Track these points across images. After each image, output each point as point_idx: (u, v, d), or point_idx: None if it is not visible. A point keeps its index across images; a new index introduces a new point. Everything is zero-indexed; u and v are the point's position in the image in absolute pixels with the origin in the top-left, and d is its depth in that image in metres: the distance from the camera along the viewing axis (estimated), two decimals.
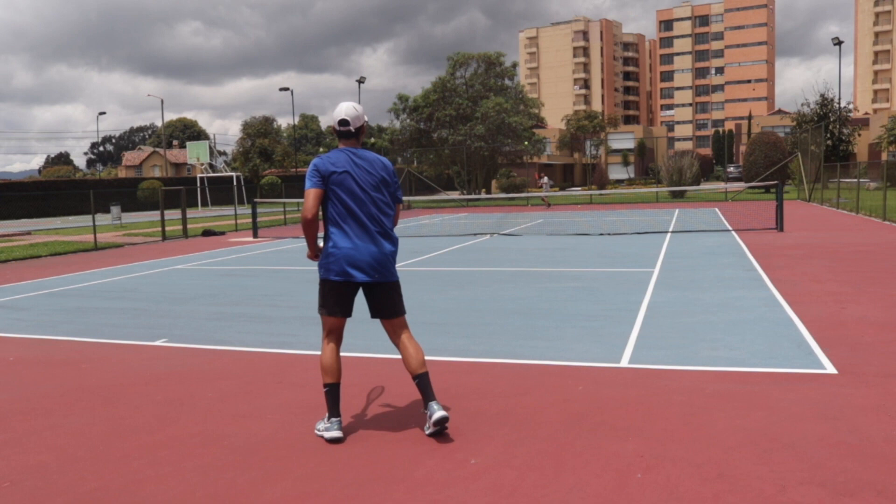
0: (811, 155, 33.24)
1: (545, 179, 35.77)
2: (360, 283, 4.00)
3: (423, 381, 3.96)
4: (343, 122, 4.02)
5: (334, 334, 4.08)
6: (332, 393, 4.01)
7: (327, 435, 3.95)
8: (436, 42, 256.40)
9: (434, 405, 3.90)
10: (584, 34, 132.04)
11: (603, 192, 38.91)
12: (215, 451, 3.87)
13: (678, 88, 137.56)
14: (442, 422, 3.87)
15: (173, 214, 22.97)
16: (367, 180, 3.99)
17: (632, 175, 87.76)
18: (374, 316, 4.11)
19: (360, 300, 4.13)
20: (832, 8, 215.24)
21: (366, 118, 4.14)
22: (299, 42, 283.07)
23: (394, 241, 4.10)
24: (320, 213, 4.05)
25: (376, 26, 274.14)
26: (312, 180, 3.97)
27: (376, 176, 4.02)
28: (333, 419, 3.99)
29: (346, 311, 4.07)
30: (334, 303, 4.02)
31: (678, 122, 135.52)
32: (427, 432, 3.95)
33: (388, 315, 4.09)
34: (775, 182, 17.60)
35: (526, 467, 3.48)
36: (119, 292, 10.00)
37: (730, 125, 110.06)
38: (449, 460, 3.61)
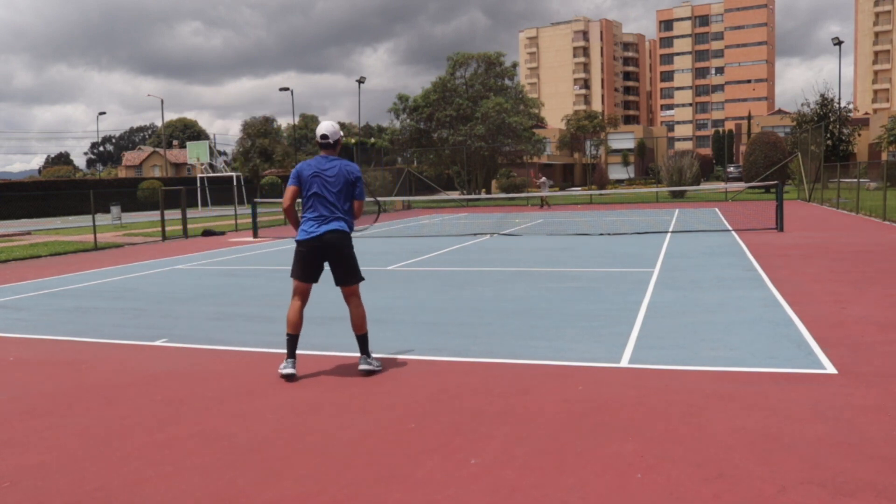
0: (811, 155, 33.22)
1: (542, 179, 35.09)
2: None
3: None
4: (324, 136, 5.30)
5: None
6: (291, 341, 5.25)
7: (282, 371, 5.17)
8: (436, 42, 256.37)
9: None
10: (584, 34, 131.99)
11: (603, 192, 38.92)
12: (215, 451, 3.87)
13: (678, 88, 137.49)
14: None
15: (173, 214, 22.96)
16: None
17: (632, 175, 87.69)
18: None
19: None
20: (832, 8, 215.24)
21: (341, 135, 5.42)
22: (300, 42, 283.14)
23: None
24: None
25: (377, 26, 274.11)
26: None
27: None
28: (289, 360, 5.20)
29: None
30: None
31: (678, 122, 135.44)
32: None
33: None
34: (775, 182, 17.60)
35: (526, 467, 3.48)
36: (119, 292, 10.00)
37: (730, 125, 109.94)
38: (449, 460, 3.61)
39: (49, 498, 3.34)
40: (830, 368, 4.99)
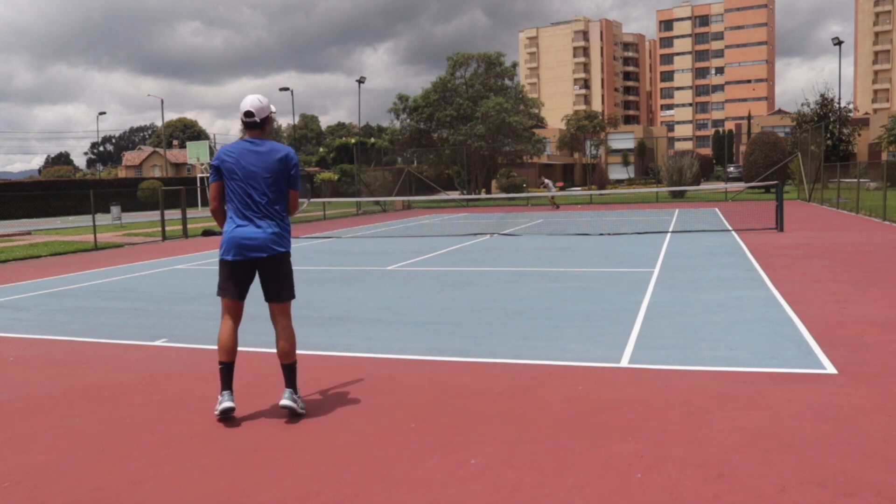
0: (811, 155, 33.23)
1: (545, 181, 34.76)
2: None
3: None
4: (248, 114, 4.36)
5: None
6: (225, 371, 4.39)
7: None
8: (436, 42, 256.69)
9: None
10: (585, 34, 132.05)
11: (603, 192, 38.90)
12: (215, 451, 3.87)
13: (678, 88, 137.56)
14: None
15: (173, 214, 22.97)
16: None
17: (632, 175, 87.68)
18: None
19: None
20: (833, 8, 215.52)
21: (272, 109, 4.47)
22: (300, 42, 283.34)
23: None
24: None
25: (377, 26, 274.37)
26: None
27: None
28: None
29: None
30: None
31: (678, 122, 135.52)
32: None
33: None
34: (775, 182, 17.60)
35: (526, 467, 3.48)
36: (119, 292, 10.00)
37: (730, 125, 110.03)
38: (449, 460, 3.61)
39: (49, 498, 3.34)
40: (830, 368, 4.99)
